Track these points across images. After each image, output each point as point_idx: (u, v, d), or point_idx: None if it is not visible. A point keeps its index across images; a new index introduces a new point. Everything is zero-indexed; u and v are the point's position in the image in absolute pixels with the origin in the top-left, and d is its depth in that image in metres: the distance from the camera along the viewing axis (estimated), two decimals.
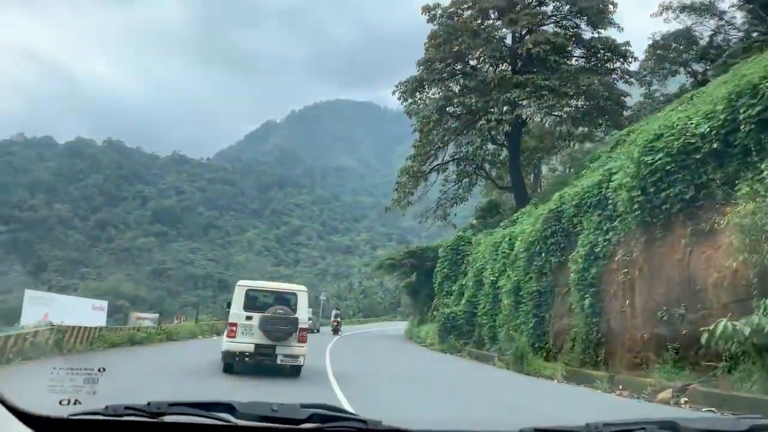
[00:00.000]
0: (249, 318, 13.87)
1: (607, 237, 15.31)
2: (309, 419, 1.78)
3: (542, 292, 18.38)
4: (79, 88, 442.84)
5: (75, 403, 2.40)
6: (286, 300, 14.68)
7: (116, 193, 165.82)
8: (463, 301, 25.71)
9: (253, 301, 14.49)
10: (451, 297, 27.92)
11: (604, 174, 16.09)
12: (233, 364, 14.01)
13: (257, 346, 13.61)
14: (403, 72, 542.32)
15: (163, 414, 1.86)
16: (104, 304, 30.31)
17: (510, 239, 22.31)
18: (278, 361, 13.79)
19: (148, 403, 1.94)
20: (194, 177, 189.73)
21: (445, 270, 30.11)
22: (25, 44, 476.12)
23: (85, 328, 18.96)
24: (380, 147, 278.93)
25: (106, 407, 1.92)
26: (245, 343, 13.71)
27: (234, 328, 13.85)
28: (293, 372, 14.20)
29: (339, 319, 42.99)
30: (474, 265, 26.25)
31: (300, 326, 13.96)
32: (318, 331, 42.03)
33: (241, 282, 15.21)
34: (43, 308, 23.16)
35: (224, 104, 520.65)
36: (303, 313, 14.43)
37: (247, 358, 13.75)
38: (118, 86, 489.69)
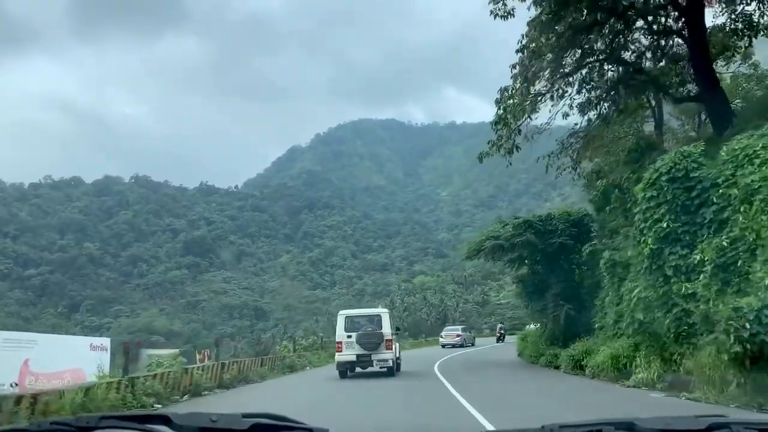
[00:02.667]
0: (349, 336, 18.51)
1: None
2: (251, 429, 1.69)
3: None
4: (106, 128, 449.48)
5: None
6: (374, 320, 19.14)
7: (146, 228, 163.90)
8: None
9: (351, 324, 19.05)
10: (700, 278, 13.25)
11: None
12: (345, 371, 18.87)
13: (358, 355, 18.30)
14: (425, 86, 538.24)
15: (93, 428, 1.74)
16: (106, 341, 23.24)
17: None
18: (374, 365, 18.40)
19: (77, 417, 1.83)
20: (223, 206, 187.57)
21: (667, 223, 14.41)
22: (51, 89, 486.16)
23: None
24: (407, 163, 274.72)
25: (31, 422, 1.83)
26: (349, 354, 18.41)
27: (340, 345, 18.81)
28: (388, 372, 18.79)
29: (503, 331, 50.70)
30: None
31: (385, 338, 18.39)
32: (473, 344, 47.62)
33: (341, 311, 20.69)
34: (23, 353, 18.26)
35: (249, 133, 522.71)
36: (387, 328, 18.71)
37: (353, 365, 18.78)
38: (143, 123, 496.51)
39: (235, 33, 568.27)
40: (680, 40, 21.07)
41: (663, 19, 20.83)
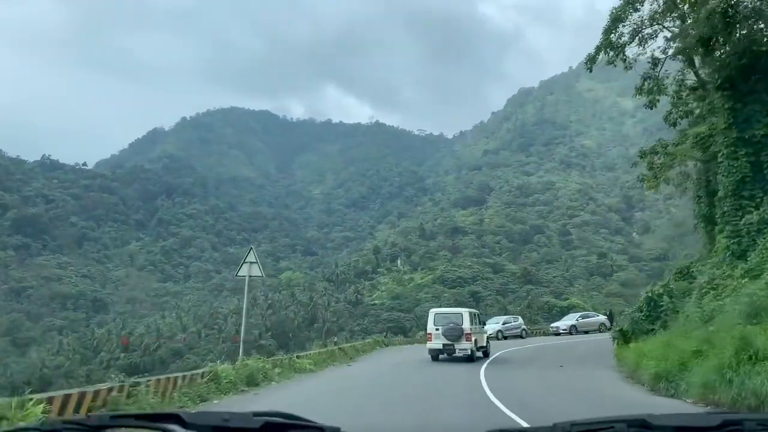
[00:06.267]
0: (437, 329, 23.06)
1: None
2: (262, 428, 1.70)
3: None
4: None
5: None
6: (457, 317, 23.42)
7: None
8: None
9: (438, 319, 23.50)
10: None
11: None
12: (437, 355, 23.24)
13: (444, 344, 22.82)
14: (305, 82, 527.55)
15: (105, 427, 1.74)
16: None
17: None
18: (456, 353, 22.66)
19: (88, 416, 1.81)
20: (67, 184, 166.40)
21: None
22: None
23: None
24: (280, 157, 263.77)
25: (42, 422, 1.81)
26: (437, 343, 23.00)
27: (431, 336, 23.37)
28: (467, 359, 22.46)
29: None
30: None
31: (465, 332, 22.60)
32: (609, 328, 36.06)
33: (432, 309, 26.24)
34: None
35: (107, 111, 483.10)
36: (467, 324, 22.85)
37: (440, 352, 22.99)
38: None
39: (100, 2, 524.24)
40: None
41: None
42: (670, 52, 24.59)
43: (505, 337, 39.32)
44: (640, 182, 27.75)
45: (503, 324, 41.47)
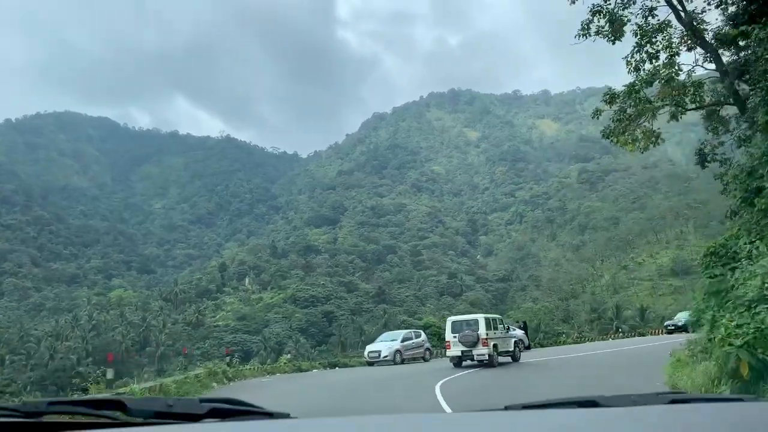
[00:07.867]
0: (455, 337, 23.09)
1: None
2: (209, 414, 1.64)
3: None
4: None
5: None
6: (472, 323, 23.23)
7: None
8: None
9: (456, 327, 23.50)
10: None
11: None
12: (458, 362, 23.04)
13: (462, 351, 22.84)
14: (151, 90, 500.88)
15: (42, 414, 1.63)
16: None
17: None
18: (474, 359, 22.62)
19: (24, 403, 1.70)
20: None
21: None
22: None
23: None
24: (118, 167, 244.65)
25: None
26: (456, 350, 23.06)
27: (449, 343, 23.51)
28: (487, 365, 22.33)
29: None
30: None
31: (481, 338, 22.48)
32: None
33: (449, 318, 26.00)
34: None
35: None
36: (482, 330, 22.66)
37: (460, 359, 22.95)
38: None
39: None
40: None
41: None
42: None
43: (403, 360, 30.44)
44: (607, 138, 21.39)
45: (402, 341, 31.68)
